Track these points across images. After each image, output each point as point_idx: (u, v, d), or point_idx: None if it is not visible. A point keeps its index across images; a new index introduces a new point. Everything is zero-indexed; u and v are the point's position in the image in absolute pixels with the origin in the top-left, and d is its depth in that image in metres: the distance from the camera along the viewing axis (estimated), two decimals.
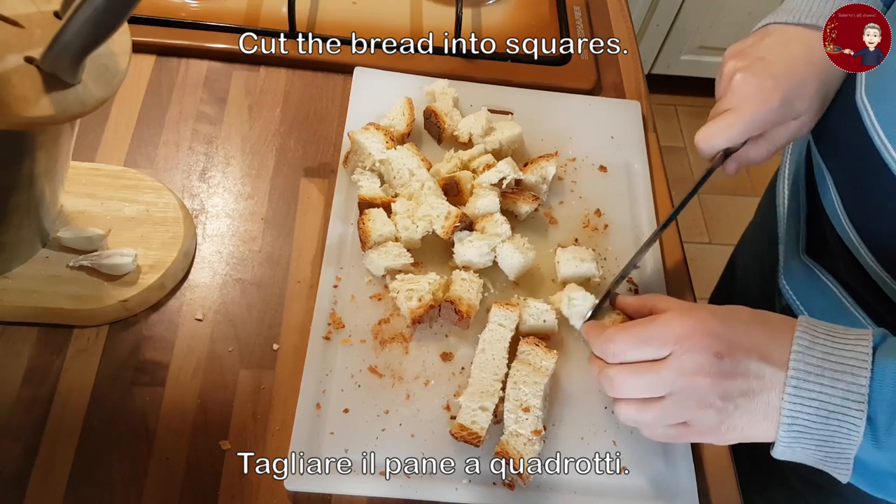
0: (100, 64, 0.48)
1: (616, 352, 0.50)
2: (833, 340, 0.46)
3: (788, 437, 0.45)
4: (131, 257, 0.58)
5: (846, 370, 0.44)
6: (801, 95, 0.57)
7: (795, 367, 0.45)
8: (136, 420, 0.54)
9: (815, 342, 0.46)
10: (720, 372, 0.46)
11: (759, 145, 0.60)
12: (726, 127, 0.57)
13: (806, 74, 0.57)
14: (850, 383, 0.44)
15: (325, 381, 0.57)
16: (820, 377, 0.44)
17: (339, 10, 0.81)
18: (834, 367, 0.44)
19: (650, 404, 0.49)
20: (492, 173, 0.65)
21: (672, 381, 0.47)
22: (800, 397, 0.44)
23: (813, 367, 0.45)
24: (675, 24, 1.92)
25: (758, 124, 0.57)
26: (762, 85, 0.57)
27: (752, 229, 0.87)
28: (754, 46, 0.60)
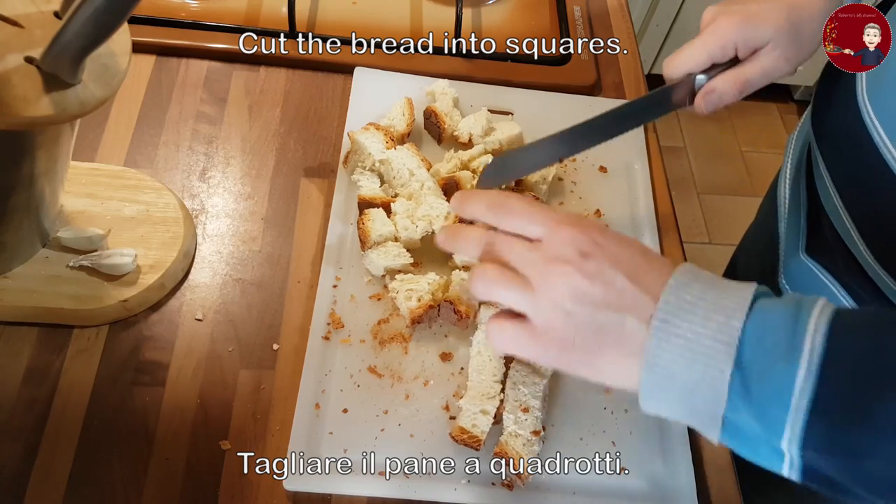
0: (100, 64, 0.48)
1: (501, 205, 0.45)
2: (713, 282, 0.41)
3: (650, 380, 0.40)
4: (131, 257, 0.58)
5: (720, 310, 0.38)
6: (766, 18, 0.56)
7: (666, 300, 0.39)
8: (136, 420, 0.54)
9: (695, 280, 0.41)
10: (581, 270, 0.41)
11: (727, 77, 0.58)
12: (688, 49, 0.57)
13: (774, 1, 0.57)
14: (721, 323, 0.38)
15: (325, 381, 0.57)
16: (691, 314, 0.39)
17: (339, 10, 0.81)
18: (708, 307, 0.39)
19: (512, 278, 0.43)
20: None
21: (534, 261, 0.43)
22: (665, 333, 0.39)
23: (686, 303, 0.39)
24: (675, 24, 1.92)
25: (719, 45, 0.56)
26: (726, 9, 0.57)
27: (754, 230, 0.87)
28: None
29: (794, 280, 0.69)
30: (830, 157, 0.62)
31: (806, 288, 0.67)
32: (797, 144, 0.74)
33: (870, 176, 0.56)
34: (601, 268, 0.42)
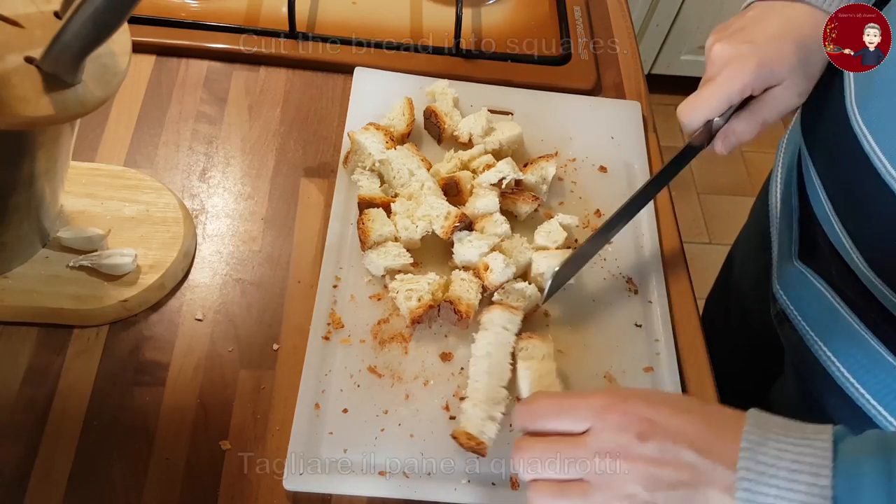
0: (100, 64, 0.48)
1: (532, 414, 0.45)
2: (787, 435, 0.40)
3: None
4: (131, 257, 0.58)
5: (805, 469, 0.38)
6: (780, 58, 0.56)
7: (746, 466, 0.38)
8: (136, 420, 0.54)
9: (767, 437, 0.40)
10: (643, 456, 0.40)
11: (744, 119, 0.59)
12: (706, 97, 0.57)
13: (784, 38, 0.56)
14: (811, 485, 0.37)
15: (325, 381, 0.57)
16: (774, 478, 0.38)
17: (339, 10, 0.81)
18: (791, 466, 0.38)
19: (567, 489, 0.42)
20: (491, 173, 0.65)
21: (588, 462, 0.41)
22: (752, 502, 0.38)
23: (766, 465, 0.38)
24: (675, 24, 1.92)
25: (737, 91, 0.56)
26: (739, 50, 0.56)
27: (747, 231, 0.87)
28: (735, 21, 0.60)
29: (789, 286, 0.69)
30: (821, 165, 0.62)
31: (800, 294, 0.67)
32: (788, 148, 0.74)
33: (861, 185, 0.55)
34: (664, 447, 0.40)
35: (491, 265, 0.60)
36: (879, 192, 0.53)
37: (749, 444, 0.39)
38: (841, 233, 0.59)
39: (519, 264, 0.62)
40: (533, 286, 0.60)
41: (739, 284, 0.86)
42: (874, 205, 0.55)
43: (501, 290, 0.60)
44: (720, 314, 0.91)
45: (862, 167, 0.54)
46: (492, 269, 0.60)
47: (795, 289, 0.68)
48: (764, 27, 0.57)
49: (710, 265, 1.04)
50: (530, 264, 0.63)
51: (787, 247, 0.70)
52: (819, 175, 0.62)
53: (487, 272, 0.60)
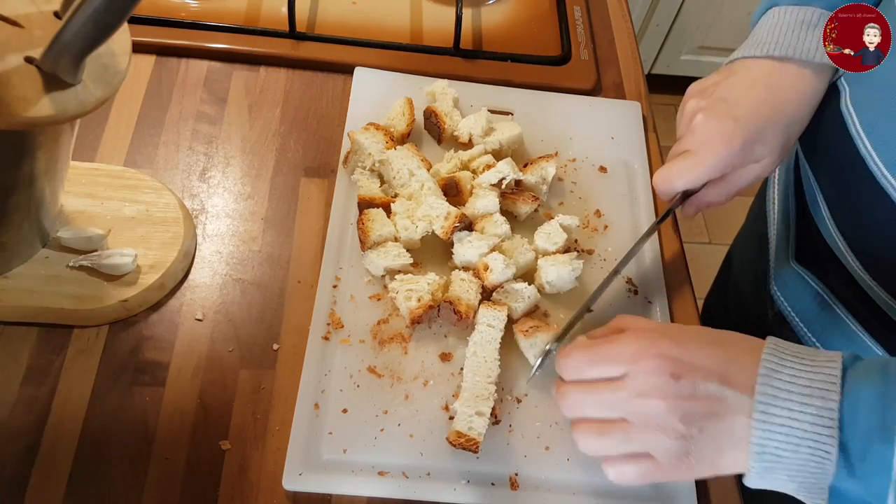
0: (100, 64, 0.48)
1: (571, 367, 0.49)
2: (801, 362, 0.43)
3: (759, 466, 0.43)
4: (131, 257, 0.58)
5: (815, 393, 0.42)
6: (763, 139, 0.56)
7: (762, 392, 0.43)
8: (135, 420, 0.54)
9: (782, 364, 0.44)
10: (678, 394, 0.44)
11: (718, 188, 0.59)
12: (686, 170, 0.57)
13: (768, 118, 0.56)
14: (819, 407, 0.41)
15: (324, 381, 0.57)
16: (788, 401, 0.42)
17: (339, 10, 0.81)
18: (802, 391, 0.42)
19: (609, 428, 0.47)
20: (491, 174, 0.65)
21: (628, 402, 0.46)
22: (768, 423, 0.42)
23: (780, 390, 0.43)
24: (675, 24, 1.92)
25: (718, 168, 0.57)
26: (723, 128, 0.56)
27: (744, 232, 0.87)
28: (717, 86, 0.59)
29: (786, 287, 0.69)
30: (817, 168, 0.62)
31: (797, 296, 0.67)
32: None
33: (856, 186, 0.55)
34: (694, 384, 0.45)
35: (491, 265, 0.60)
36: (875, 195, 0.53)
37: (766, 371, 0.43)
38: (836, 235, 0.59)
39: (519, 265, 0.62)
40: (532, 287, 0.61)
41: (738, 285, 0.86)
42: (869, 208, 0.55)
43: (501, 290, 0.60)
44: (719, 315, 0.91)
45: (858, 170, 0.54)
46: (491, 270, 0.60)
47: (792, 290, 0.68)
48: (748, 102, 0.57)
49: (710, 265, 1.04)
50: (531, 266, 0.63)
51: (784, 248, 0.70)
52: (815, 177, 0.62)
53: (487, 272, 0.60)
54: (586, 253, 0.66)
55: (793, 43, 0.57)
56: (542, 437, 0.56)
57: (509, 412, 0.57)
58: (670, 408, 0.44)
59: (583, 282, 0.64)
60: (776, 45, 0.57)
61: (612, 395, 0.47)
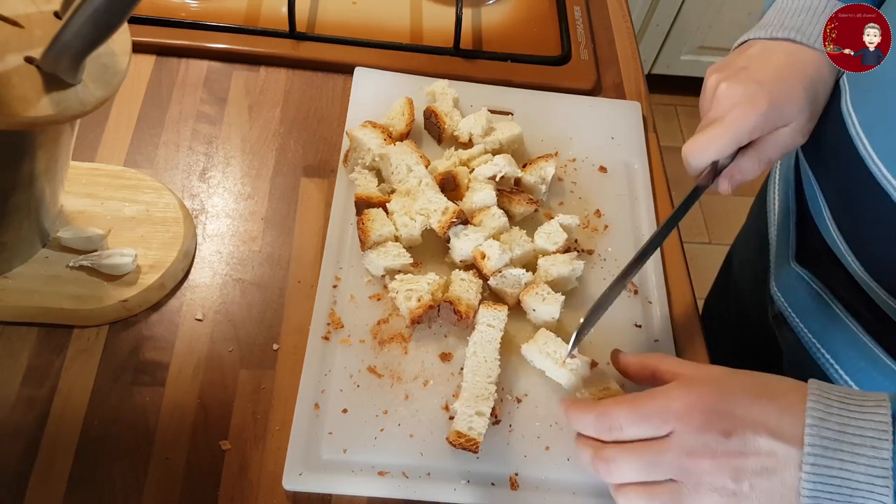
0: (100, 64, 0.48)
1: (613, 426, 0.46)
2: (848, 409, 0.42)
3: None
4: (131, 257, 0.58)
5: (866, 442, 0.41)
6: (790, 99, 0.55)
7: (811, 443, 0.42)
8: (136, 420, 0.54)
9: (830, 412, 0.42)
10: (728, 451, 0.43)
11: (750, 158, 0.57)
12: (714, 137, 0.55)
13: (792, 77, 0.55)
14: (871, 457, 0.40)
15: (324, 381, 0.57)
16: (838, 451, 0.41)
17: (339, 10, 0.81)
18: (852, 440, 0.41)
19: (658, 490, 0.45)
20: (487, 167, 0.65)
21: (677, 463, 0.44)
22: (819, 475, 0.41)
23: (830, 440, 0.41)
24: (675, 24, 1.92)
25: (746, 132, 0.55)
26: (748, 90, 0.54)
27: (745, 232, 0.87)
28: (736, 58, 0.58)
29: (786, 288, 0.69)
30: (817, 168, 0.61)
31: (798, 297, 0.67)
32: None
33: (856, 186, 0.55)
34: (745, 440, 0.43)
35: (487, 252, 0.60)
36: (875, 195, 0.53)
37: (813, 421, 0.42)
38: (837, 236, 0.59)
39: (517, 255, 0.62)
40: (529, 273, 0.61)
41: (738, 285, 0.86)
42: (869, 208, 0.54)
43: (498, 276, 0.60)
44: (719, 315, 0.91)
45: (858, 170, 0.54)
46: (488, 257, 0.60)
47: (793, 291, 0.68)
48: (770, 66, 0.56)
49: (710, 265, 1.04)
50: (530, 258, 0.63)
51: (785, 249, 0.70)
52: (815, 177, 0.62)
53: (485, 260, 0.60)
54: (586, 253, 0.66)
55: (797, 27, 0.56)
56: (542, 437, 0.56)
57: (509, 412, 0.57)
58: (721, 466, 0.43)
59: (582, 283, 0.64)
60: (782, 27, 0.57)
61: (661, 457, 0.44)
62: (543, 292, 0.59)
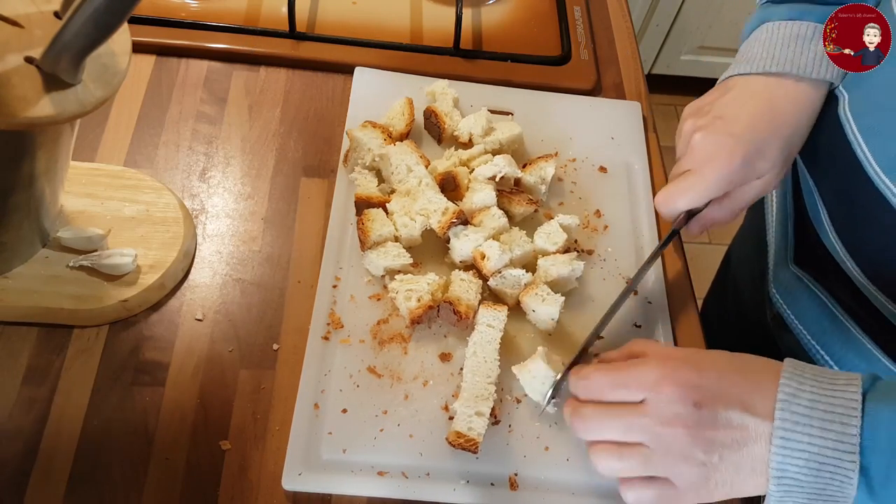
0: (100, 64, 0.48)
1: (591, 389, 0.49)
2: (820, 386, 0.43)
3: (779, 490, 0.43)
4: (131, 257, 0.58)
5: (835, 419, 0.42)
6: (763, 155, 0.55)
7: (781, 417, 0.43)
8: (136, 420, 0.54)
9: (801, 389, 0.43)
10: (699, 422, 0.44)
11: (722, 206, 0.59)
12: (686, 189, 0.56)
13: (768, 132, 0.55)
14: (840, 433, 0.41)
15: (324, 381, 0.57)
16: (808, 427, 0.42)
17: (339, 10, 0.81)
18: (822, 416, 0.42)
19: (629, 450, 0.47)
20: (487, 167, 0.65)
21: (649, 428, 0.46)
22: (788, 449, 0.42)
23: (800, 416, 0.42)
24: (675, 24, 1.92)
25: (719, 186, 0.56)
26: (722, 144, 0.55)
27: (743, 232, 0.87)
28: (714, 104, 0.58)
29: (785, 291, 0.69)
30: (816, 172, 0.61)
31: (797, 299, 0.67)
32: None
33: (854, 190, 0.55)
34: (716, 413, 0.44)
35: (487, 253, 0.60)
36: (873, 200, 0.53)
37: (784, 396, 0.43)
38: (835, 240, 0.59)
39: (516, 256, 0.62)
40: (529, 274, 0.61)
41: (736, 285, 0.86)
42: (868, 212, 0.55)
43: (498, 276, 0.60)
44: (717, 316, 0.91)
45: (856, 175, 0.54)
46: (488, 257, 0.60)
47: (792, 293, 0.68)
48: (745, 116, 0.56)
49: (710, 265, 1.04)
50: (530, 259, 0.63)
51: (783, 251, 0.70)
52: (814, 182, 0.62)
53: (484, 260, 0.60)
54: (586, 253, 0.66)
55: (789, 58, 0.56)
56: (541, 437, 0.56)
57: (509, 412, 0.57)
58: (692, 436, 0.44)
59: (581, 283, 0.64)
60: (772, 60, 0.57)
61: (634, 420, 0.46)
62: (543, 293, 0.59)
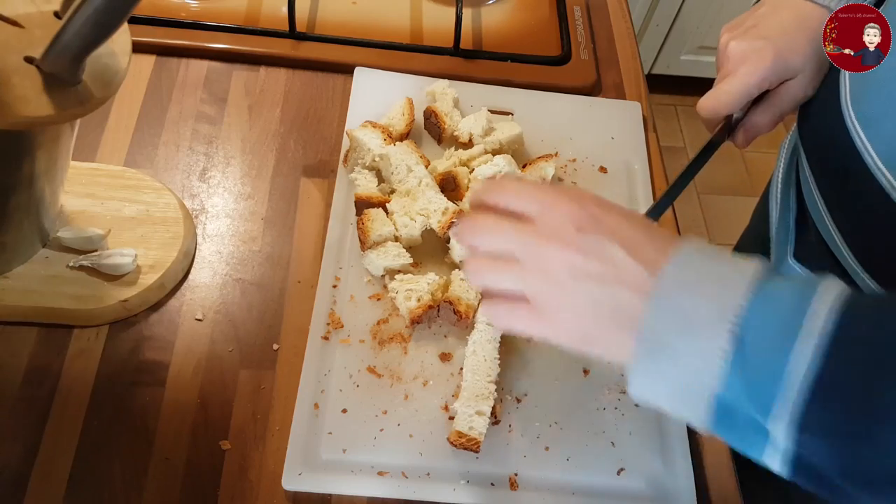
0: (100, 64, 0.48)
1: (492, 189, 0.45)
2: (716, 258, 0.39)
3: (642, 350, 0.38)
4: (131, 257, 0.58)
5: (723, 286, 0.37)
6: (795, 50, 0.58)
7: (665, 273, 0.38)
8: (136, 420, 0.54)
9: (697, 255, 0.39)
10: (575, 245, 0.40)
11: (762, 111, 0.61)
12: (724, 92, 0.58)
13: (797, 32, 0.58)
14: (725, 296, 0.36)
15: (324, 380, 0.57)
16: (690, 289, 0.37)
17: (339, 10, 0.81)
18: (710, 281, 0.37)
19: (503, 262, 0.43)
20: (487, 167, 0.65)
21: (526, 242, 0.42)
22: (661, 305, 0.38)
23: (686, 277, 0.38)
24: (675, 24, 1.92)
25: (755, 85, 0.58)
26: (754, 45, 0.58)
27: (748, 233, 0.87)
28: (747, 17, 0.61)
29: None
30: (815, 163, 0.62)
31: None
32: (789, 147, 0.74)
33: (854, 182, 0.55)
34: (598, 241, 0.41)
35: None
36: (871, 191, 0.53)
37: (677, 257, 0.39)
38: (834, 233, 0.59)
39: None
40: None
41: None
42: (866, 205, 0.55)
43: None
44: None
45: (854, 165, 0.54)
46: None
47: None
48: (777, 22, 0.59)
49: None
50: None
51: (784, 245, 0.70)
52: (813, 173, 0.62)
53: None
54: None
55: None
56: (541, 437, 0.56)
57: (509, 412, 0.57)
58: (562, 256, 0.41)
59: None
60: None
61: (513, 229, 0.42)
62: None
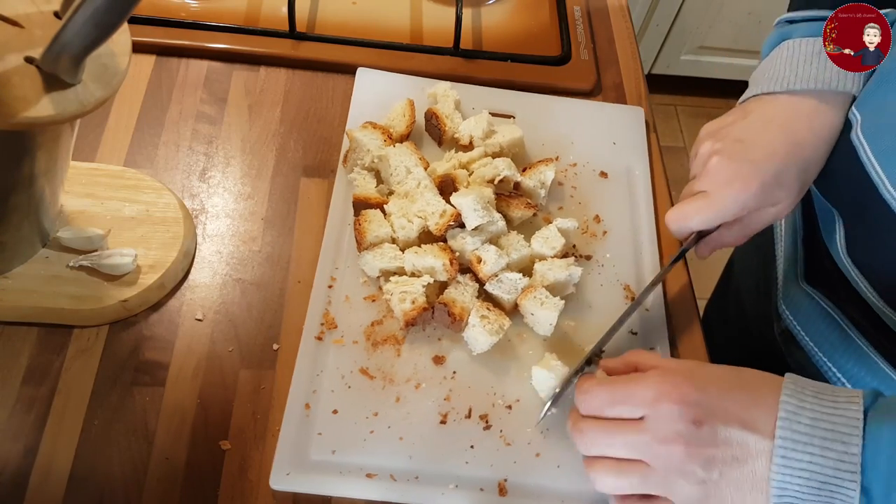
0: (100, 64, 0.48)
1: (590, 404, 0.48)
2: (821, 404, 0.43)
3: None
4: (131, 257, 0.58)
5: (837, 437, 0.41)
6: (781, 183, 0.55)
7: (783, 436, 0.42)
8: (136, 420, 0.54)
9: (803, 406, 0.43)
10: (699, 440, 0.44)
11: (734, 230, 0.59)
12: (699, 210, 0.56)
13: (785, 160, 0.55)
14: (841, 452, 0.41)
15: (316, 381, 0.56)
16: (809, 445, 0.42)
17: (339, 10, 0.81)
18: (824, 435, 0.42)
19: (628, 467, 0.46)
20: (487, 169, 0.65)
21: (648, 446, 0.45)
22: (789, 468, 0.42)
23: (801, 434, 0.42)
24: (675, 24, 1.92)
25: (734, 210, 0.55)
26: (740, 170, 0.55)
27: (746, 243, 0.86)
28: (732, 126, 0.58)
29: (795, 308, 0.68)
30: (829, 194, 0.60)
31: (808, 315, 0.66)
32: None
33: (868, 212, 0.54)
34: (715, 430, 0.44)
35: (483, 257, 0.60)
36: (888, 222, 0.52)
37: (786, 414, 0.43)
38: (847, 261, 0.58)
39: (513, 259, 0.62)
40: (526, 279, 0.61)
41: (739, 296, 0.85)
42: (882, 234, 0.54)
43: (494, 280, 0.60)
44: (719, 324, 0.90)
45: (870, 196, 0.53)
46: (485, 261, 0.60)
47: (803, 310, 0.66)
48: (766, 142, 0.56)
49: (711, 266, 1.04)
50: (527, 263, 0.63)
51: (793, 267, 0.69)
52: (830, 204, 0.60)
53: (481, 264, 0.60)
54: (584, 258, 0.66)
55: (812, 75, 0.56)
56: (532, 443, 0.55)
57: (500, 418, 0.56)
58: (691, 454, 0.44)
59: (579, 288, 0.64)
60: (795, 77, 0.56)
61: (633, 437, 0.46)
62: (542, 296, 0.59)
